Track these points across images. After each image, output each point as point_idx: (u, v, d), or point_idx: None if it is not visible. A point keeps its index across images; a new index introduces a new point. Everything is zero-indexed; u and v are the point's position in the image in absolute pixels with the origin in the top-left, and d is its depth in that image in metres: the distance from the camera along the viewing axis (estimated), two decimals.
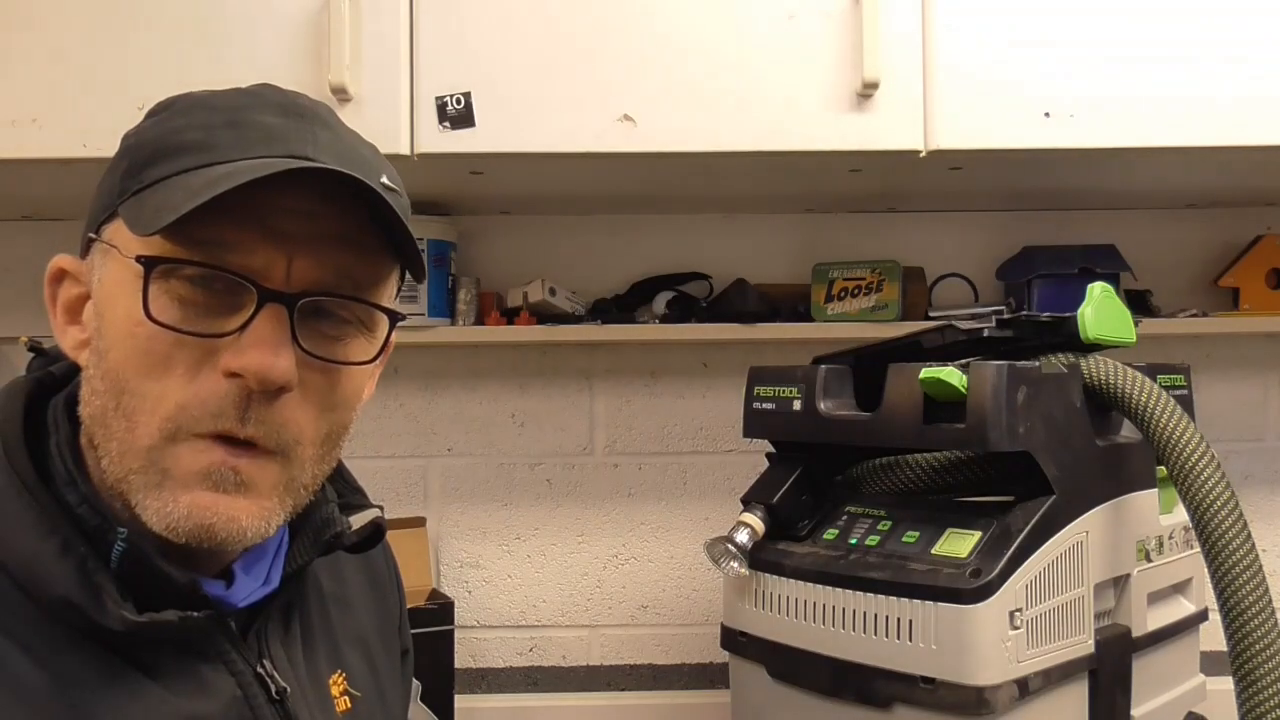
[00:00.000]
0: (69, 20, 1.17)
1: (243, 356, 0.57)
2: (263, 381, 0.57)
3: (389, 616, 0.85)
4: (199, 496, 0.58)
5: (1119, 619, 1.03)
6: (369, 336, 0.64)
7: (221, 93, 0.63)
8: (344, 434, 0.66)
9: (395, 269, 0.66)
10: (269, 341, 0.58)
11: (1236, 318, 1.52)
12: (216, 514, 0.58)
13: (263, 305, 0.58)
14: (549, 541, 1.60)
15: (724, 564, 1.06)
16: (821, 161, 1.23)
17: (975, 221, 1.59)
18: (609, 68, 1.18)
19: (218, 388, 0.58)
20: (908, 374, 0.99)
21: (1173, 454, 0.95)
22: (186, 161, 0.58)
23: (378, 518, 0.74)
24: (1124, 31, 1.19)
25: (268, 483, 0.60)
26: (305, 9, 1.17)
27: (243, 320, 0.58)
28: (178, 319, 0.57)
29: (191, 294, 0.58)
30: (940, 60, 1.19)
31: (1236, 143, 1.19)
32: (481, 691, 1.58)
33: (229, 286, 0.58)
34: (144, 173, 0.59)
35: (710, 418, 1.60)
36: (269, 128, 0.60)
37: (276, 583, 0.67)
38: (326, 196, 0.59)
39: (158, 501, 0.58)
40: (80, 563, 0.57)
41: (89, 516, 0.59)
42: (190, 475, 0.58)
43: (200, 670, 0.62)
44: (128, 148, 0.62)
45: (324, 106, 0.65)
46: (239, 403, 0.58)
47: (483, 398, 1.60)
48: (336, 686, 0.73)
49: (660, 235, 1.59)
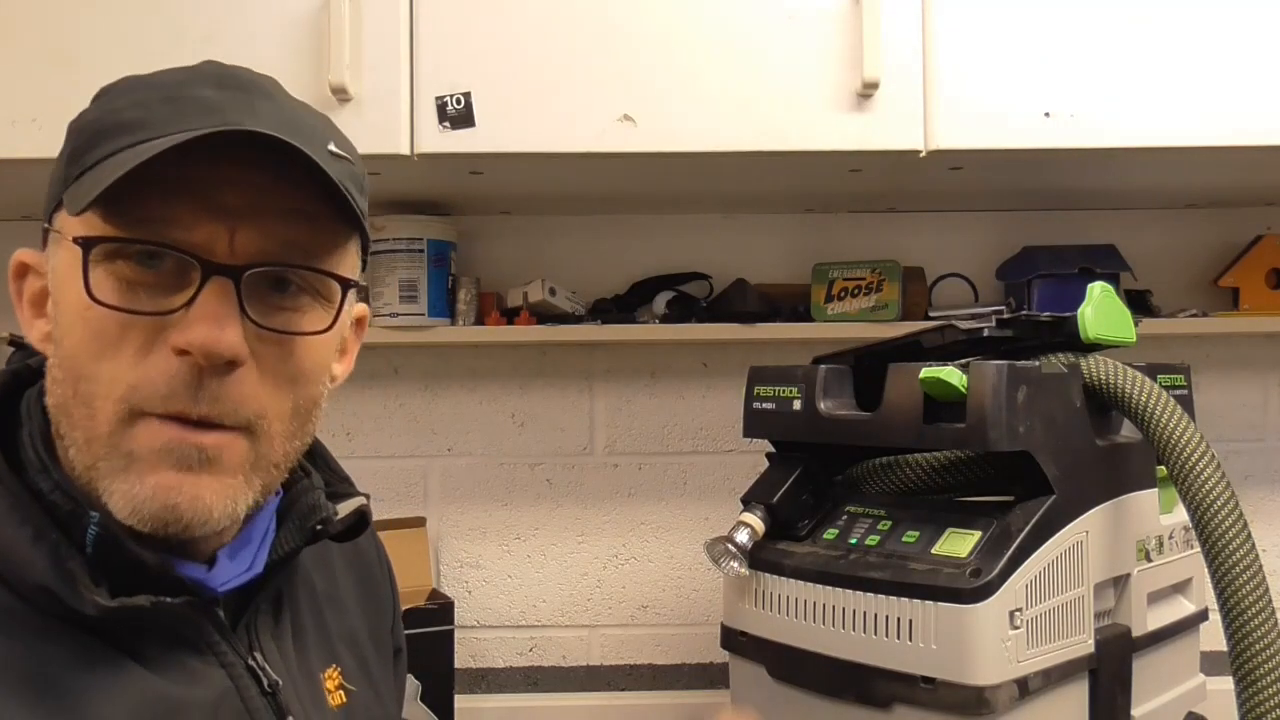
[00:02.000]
0: (69, 20, 1.17)
1: (188, 332, 0.56)
2: (209, 356, 0.57)
3: (381, 615, 0.84)
4: (164, 476, 0.57)
5: (1119, 619, 1.03)
6: (325, 306, 0.63)
7: (162, 71, 0.62)
8: (314, 409, 0.65)
9: (353, 238, 0.65)
10: (214, 315, 0.57)
11: (1236, 318, 1.52)
12: (181, 493, 0.57)
13: (207, 279, 0.57)
14: (549, 541, 1.60)
15: (724, 564, 1.06)
16: (821, 161, 1.23)
17: (975, 221, 1.59)
18: (609, 68, 1.18)
19: (168, 366, 0.57)
20: (908, 374, 0.99)
21: (1173, 454, 0.95)
22: (123, 140, 0.58)
23: (363, 505, 0.73)
24: (1124, 31, 1.19)
25: (234, 460, 0.59)
26: (305, 9, 1.17)
27: (188, 296, 0.57)
28: (122, 299, 0.57)
29: (135, 273, 0.57)
30: (940, 60, 1.19)
31: (1236, 143, 1.19)
32: (481, 691, 1.58)
33: (174, 264, 0.57)
34: (85, 156, 0.59)
35: (710, 418, 1.60)
36: (206, 100, 0.59)
37: (261, 568, 0.66)
38: (270, 167, 0.58)
39: (124, 484, 0.57)
40: (53, 549, 0.57)
41: (62, 503, 0.58)
42: (153, 455, 0.57)
43: (189, 660, 0.61)
44: (71, 134, 0.61)
45: (268, 79, 0.64)
46: (190, 381, 0.57)
47: (483, 398, 1.60)
48: (331, 680, 0.72)
49: (660, 235, 1.59)
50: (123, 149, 0.57)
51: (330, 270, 0.62)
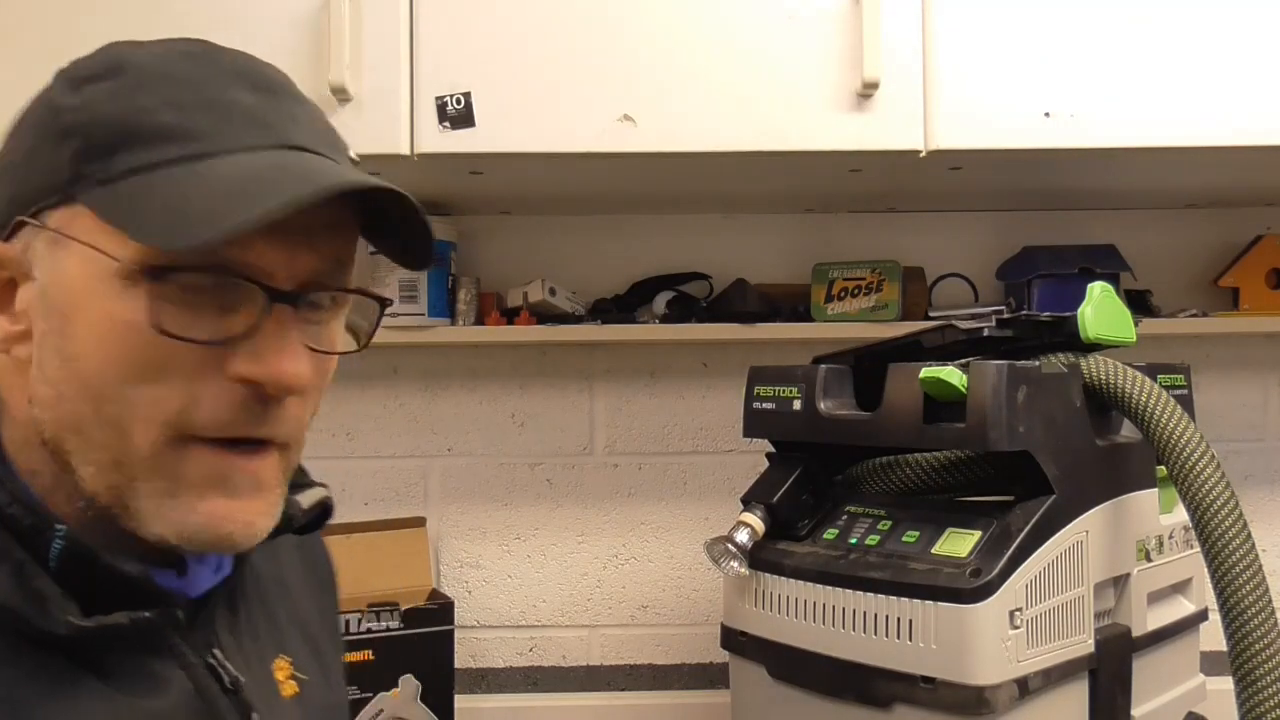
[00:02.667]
0: (69, 20, 1.17)
1: (262, 364, 0.55)
2: (284, 389, 0.55)
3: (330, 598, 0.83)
4: (215, 505, 0.56)
5: (1119, 619, 1.03)
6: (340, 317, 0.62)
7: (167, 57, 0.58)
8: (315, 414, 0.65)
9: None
10: (286, 347, 0.55)
11: (1236, 318, 1.52)
12: (234, 521, 0.56)
13: (270, 306, 0.55)
14: (549, 541, 1.60)
15: (724, 564, 1.06)
16: (821, 161, 1.23)
17: (975, 221, 1.59)
18: (609, 68, 1.18)
19: (228, 394, 0.55)
20: (908, 374, 0.99)
21: (1173, 454, 0.95)
22: (170, 151, 0.53)
23: (325, 496, 0.72)
24: (1124, 31, 1.19)
25: (273, 476, 0.59)
26: (305, 9, 1.17)
27: (248, 323, 0.55)
28: (178, 325, 0.53)
29: (187, 296, 0.54)
30: (940, 60, 1.19)
31: (1236, 143, 1.19)
32: (481, 691, 1.58)
33: (231, 289, 0.54)
34: (111, 159, 0.53)
35: (710, 418, 1.60)
36: (248, 110, 0.56)
37: (229, 569, 0.65)
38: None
39: (172, 512, 0.55)
40: (16, 568, 0.53)
41: (21, 516, 0.55)
42: (204, 480, 0.56)
43: (150, 666, 0.58)
44: (77, 124, 0.54)
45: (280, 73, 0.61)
46: (253, 408, 0.55)
47: (483, 398, 1.60)
48: (281, 671, 0.69)
49: (660, 235, 1.59)
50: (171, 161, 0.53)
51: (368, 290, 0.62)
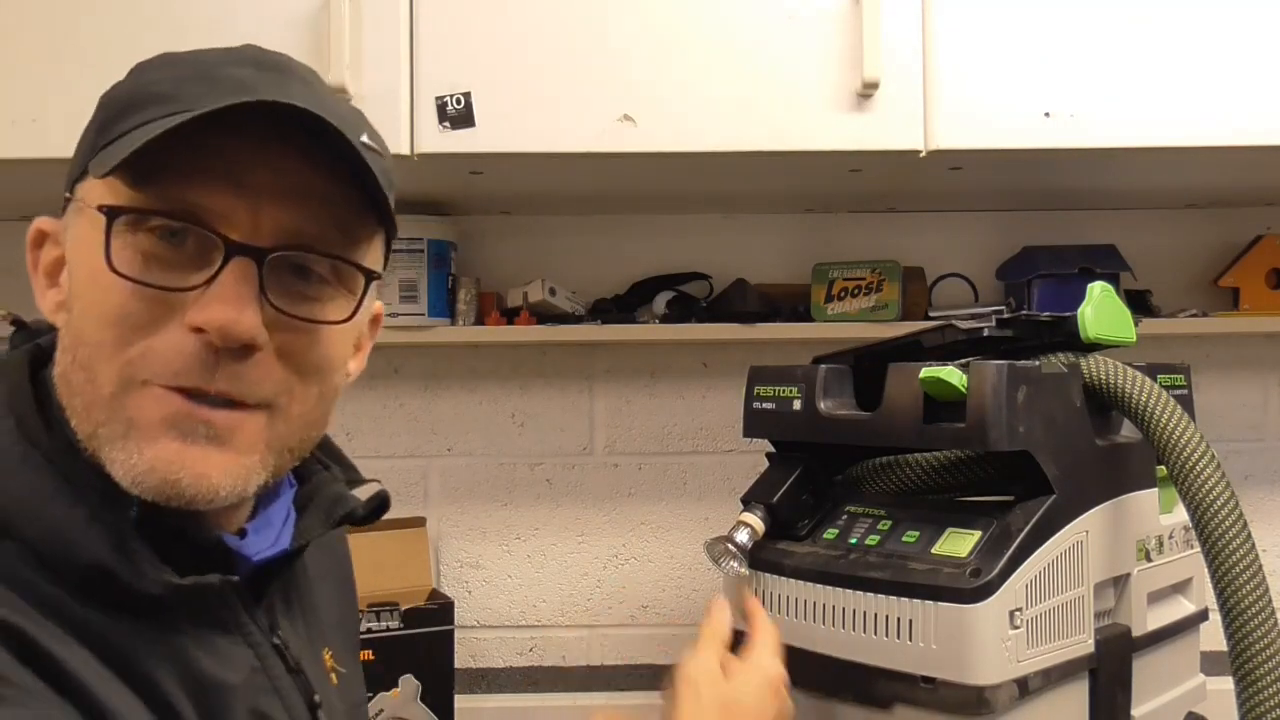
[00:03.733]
0: (69, 20, 1.17)
1: (206, 311, 0.55)
2: (225, 337, 0.55)
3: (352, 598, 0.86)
4: (164, 448, 0.56)
5: (1119, 619, 1.03)
6: (346, 296, 0.62)
7: (201, 50, 0.61)
8: (334, 398, 0.65)
9: (379, 230, 0.64)
10: (233, 296, 0.56)
11: (1236, 318, 1.52)
12: (183, 467, 0.56)
13: (229, 259, 0.56)
14: (549, 541, 1.60)
15: (724, 564, 1.06)
16: (821, 161, 1.23)
17: (975, 221, 1.59)
18: (609, 68, 1.18)
19: (181, 342, 0.56)
20: (908, 374, 0.99)
21: (1173, 454, 0.95)
22: (154, 111, 0.56)
23: (381, 490, 0.74)
24: (1124, 31, 1.19)
25: (249, 437, 0.58)
26: (305, 9, 1.17)
27: (209, 274, 0.56)
28: (141, 271, 0.56)
29: (156, 247, 0.56)
30: (940, 60, 1.19)
31: (1236, 143, 1.19)
32: (481, 691, 1.58)
33: (197, 240, 0.56)
34: (114, 126, 0.58)
35: (710, 418, 1.60)
36: (240, 79, 0.58)
37: (287, 544, 0.66)
38: (301, 149, 0.57)
39: (122, 454, 0.56)
40: (112, 528, 0.56)
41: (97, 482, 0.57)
42: (155, 423, 0.56)
43: (219, 641, 0.61)
44: (101, 105, 0.61)
45: (305, 66, 0.63)
46: (205, 359, 0.56)
47: (483, 398, 1.60)
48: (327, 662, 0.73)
49: (660, 235, 1.59)
50: (153, 120, 0.56)
51: (355, 260, 0.61)
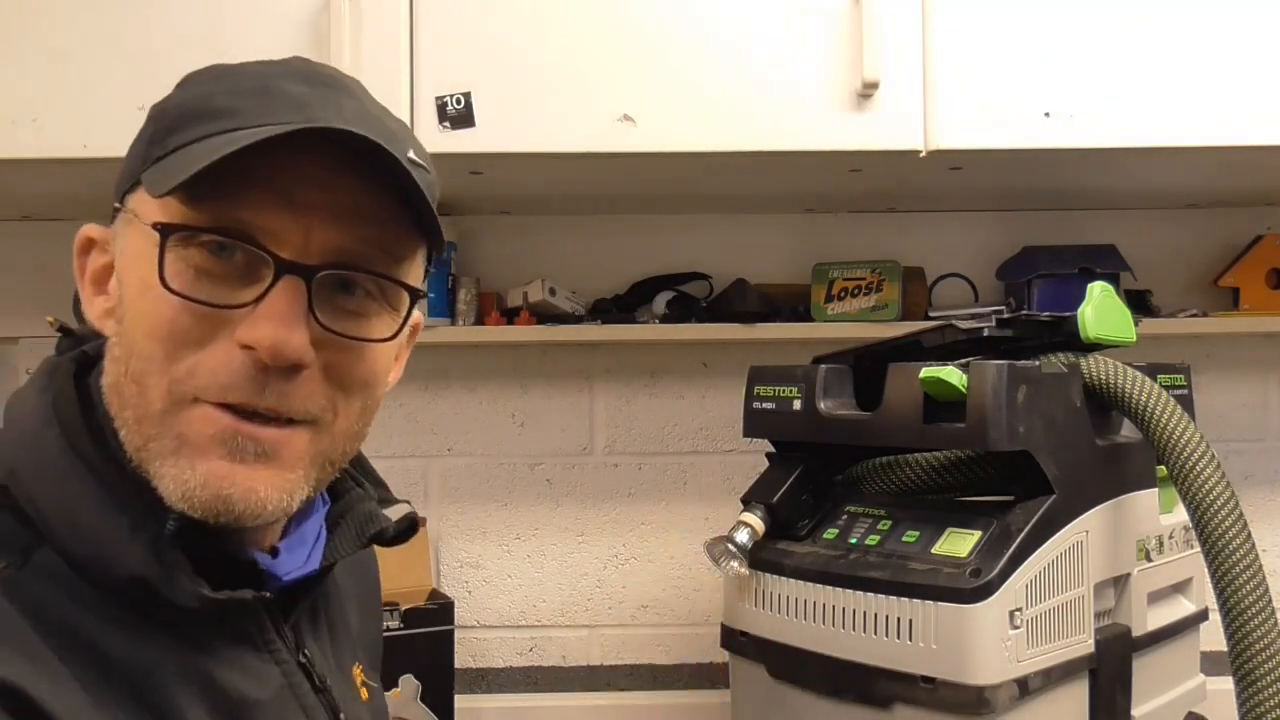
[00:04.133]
0: (69, 20, 1.17)
1: (255, 329, 0.56)
2: (275, 356, 0.56)
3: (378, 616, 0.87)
4: (215, 465, 0.56)
5: (1119, 619, 1.03)
6: (391, 313, 0.62)
7: (250, 63, 0.62)
8: (375, 410, 0.65)
9: (421, 246, 0.64)
10: (283, 315, 0.56)
11: (1236, 318, 1.52)
12: (234, 484, 0.56)
13: (279, 277, 0.56)
14: (549, 541, 1.60)
15: (724, 564, 1.06)
16: (821, 161, 1.23)
17: (975, 221, 1.59)
18: (609, 68, 1.18)
19: (230, 359, 0.56)
20: (908, 374, 0.99)
21: (1173, 454, 0.95)
22: (210, 127, 0.57)
23: (411, 512, 0.74)
24: (1124, 31, 1.19)
25: (294, 453, 0.59)
26: (305, 9, 1.17)
27: (259, 291, 0.56)
28: (191, 286, 0.56)
29: (208, 263, 0.57)
30: (940, 60, 1.19)
31: (1236, 143, 1.19)
32: (481, 691, 1.58)
33: (247, 257, 0.57)
34: (168, 139, 0.58)
35: (710, 418, 1.60)
36: (294, 95, 0.59)
37: (317, 565, 0.67)
38: (351, 168, 0.58)
39: (174, 469, 0.56)
40: (153, 540, 0.56)
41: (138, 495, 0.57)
42: (206, 441, 0.56)
43: (247, 658, 0.61)
44: (153, 116, 0.61)
45: (353, 79, 0.64)
46: (254, 376, 0.56)
47: (483, 398, 1.60)
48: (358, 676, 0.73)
49: (660, 235, 1.59)
50: (210, 135, 0.56)
51: (400, 278, 0.62)
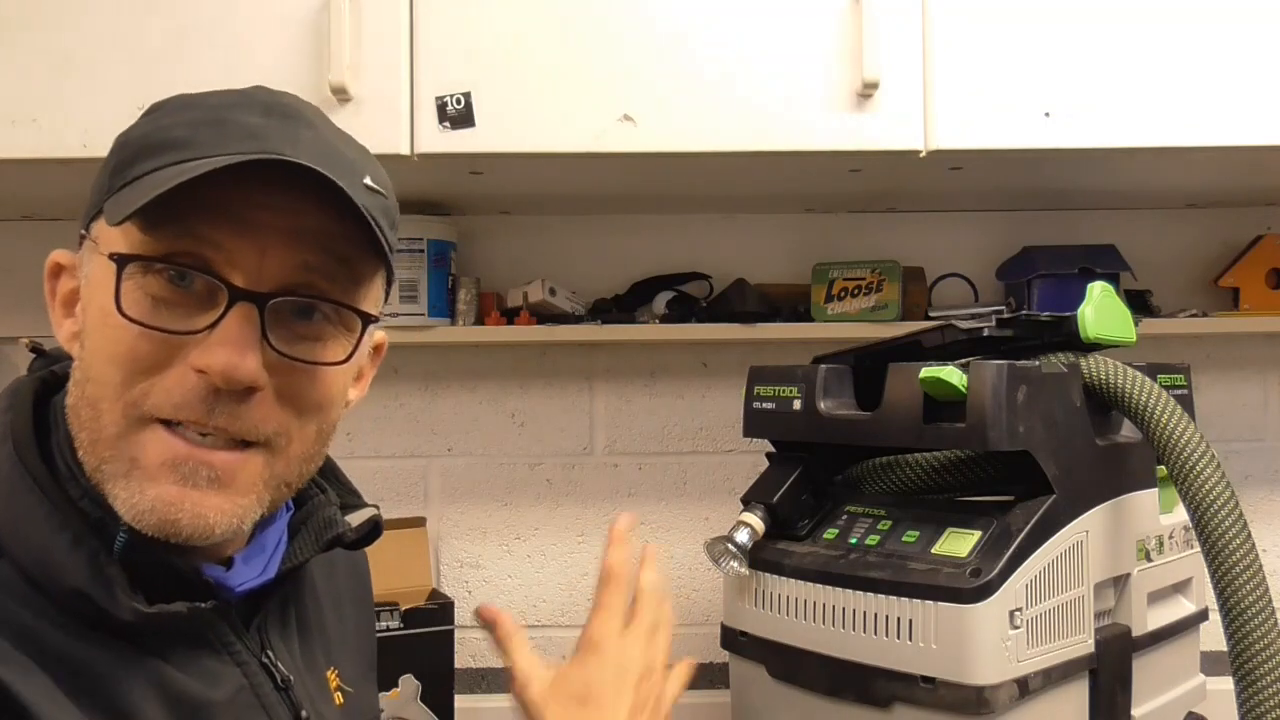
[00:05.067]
0: (69, 20, 1.16)
1: (209, 354, 0.58)
2: (228, 380, 0.58)
3: (371, 620, 0.88)
4: (166, 490, 0.58)
5: (1119, 618, 1.03)
6: (347, 336, 0.64)
7: (212, 93, 0.64)
8: (331, 433, 0.67)
9: (379, 269, 0.66)
10: (236, 340, 0.58)
11: (1236, 318, 1.52)
12: (182, 509, 0.58)
13: (233, 304, 0.59)
14: (549, 541, 1.60)
15: (724, 564, 1.06)
16: (821, 161, 1.23)
17: (975, 221, 1.59)
18: (609, 68, 1.18)
19: (184, 381, 0.58)
20: (908, 373, 0.99)
21: (1173, 454, 0.95)
22: (169, 157, 0.59)
23: (375, 515, 0.76)
24: (1124, 32, 1.19)
25: (248, 478, 0.61)
26: (305, 9, 1.17)
27: (213, 318, 0.59)
28: (149, 314, 0.58)
29: (164, 291, 0.59)
30: (940, 60, 1.19)
31: (1236, 143, 1.19)
32: (481, 691, 1.58)
33: (202, 284, 0.59)
34: (129, 169, 0.60)
35: (710, 418, 1.60)
36: (251, 126, 0.61)
37: (273, 573, 0.68)
38: (306, 196, 0.59)
39: (125, 491, 0.59)
40: (92, 555, 0.58)
41: (91, 510, 0.60)
42: (157, 466, 0.59)
43: (206, 661, 0.63)
44: (117, 146, 0.63)
45: (312, 108, 0.65)
46: (206, 397, 0.58)
47: (483, 398, 1.60)
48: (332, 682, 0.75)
49: (660, 235, 1.59)
50: (166, 165, 0.58)
51: (353, 304, 0.64)
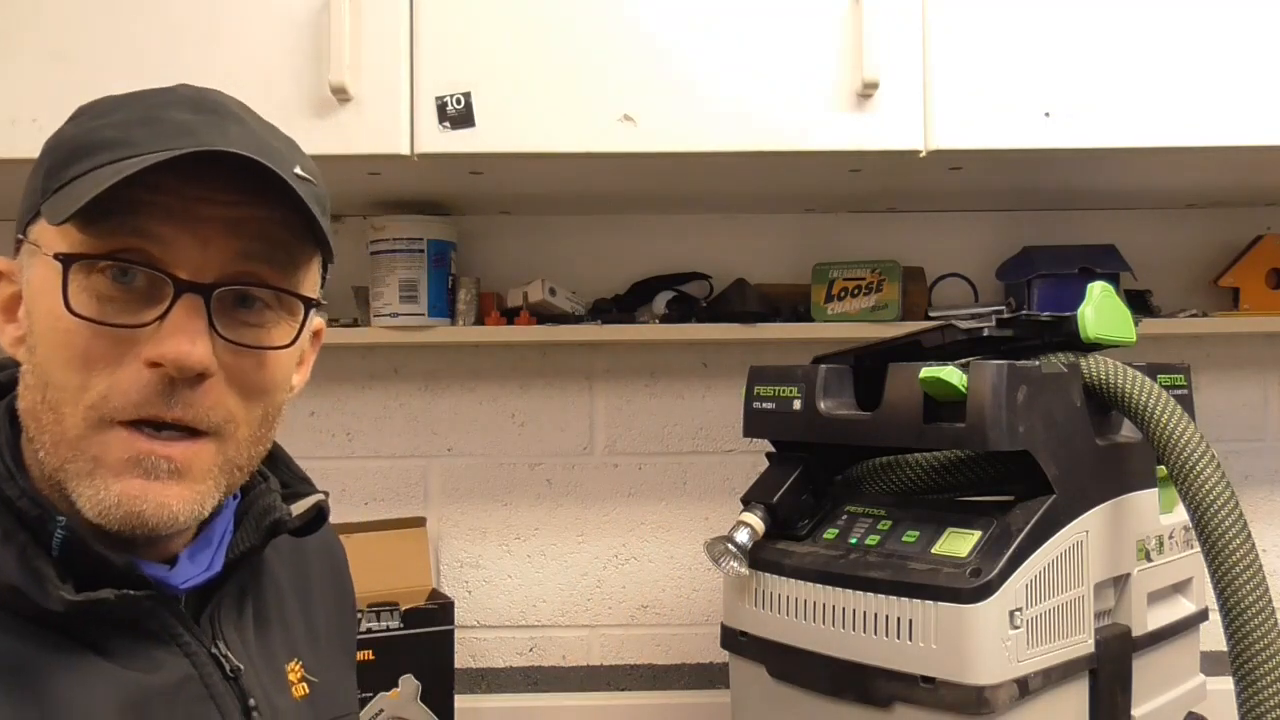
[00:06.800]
0: (69, 20, 1.17)
1: (161, 346, 0.60)
2: (181, 369, 0.60)
3: (348, 612, 0.89)
4: (129, 484, 0.61)
5: (1119, 618, 1.03)
6: (289, 321, 0.67)
7: (137, 93, 0.65)
8: (277, 416, 0.69)
9: (315, 255, 0.68)
10: (185, 330, 0.60)
11: (1236, 318, 1.52)
12: (147, 501, 0.61)
13: (179, 296, 0.61)
14: (549, 541, 1.60)
15: (724, 564, 1.06)
16: (821, 161, 1.23)
17: (975, 221, 1.59)
18: (609, 68, 1.18)
19: (139, 377, 0.60)
20: (908, 373, 0.99)
21: (1173, 454, 0.95)
22: (103, 157, 0.61)
23: (320, 501, 0.77)
24: (1124, 31, 1.19)
25: (203, 466, 0.63)
26: (305, 9, 1.17)
27: (160, 310, 0.61)
28: (97, 312, 0.60)
29: (110, 289, 0.60)
30: (940, 60, 1.19)
31: (1236, 143, 1.19)
32: (481, 691, 1.58)
33: (147, 279, 0.61)
34: (63, 171, 0.62)
35: (710, 418, 1.60)
36: (182, 123, 0.63)
37: (219, 568, 0.69)
38: (243, 187, 0.61)
39: (90, 489, 0.61)
40: (21, 550, 0.60)
41: (29, 509, 0.61)
42: (120, 463, 0.61)
43: (152, 651, 0.64)
44: (48, 149, 0.65)
45: (237, 102, 0.67)
46: (162, 390, 0.61)
47: (483, 398, 1.60)
48: (294, 673, 0.75)
49: (660, 235, 1.59)
50: (101, 165, 0.60)
51: (294, 289, 0.66)
